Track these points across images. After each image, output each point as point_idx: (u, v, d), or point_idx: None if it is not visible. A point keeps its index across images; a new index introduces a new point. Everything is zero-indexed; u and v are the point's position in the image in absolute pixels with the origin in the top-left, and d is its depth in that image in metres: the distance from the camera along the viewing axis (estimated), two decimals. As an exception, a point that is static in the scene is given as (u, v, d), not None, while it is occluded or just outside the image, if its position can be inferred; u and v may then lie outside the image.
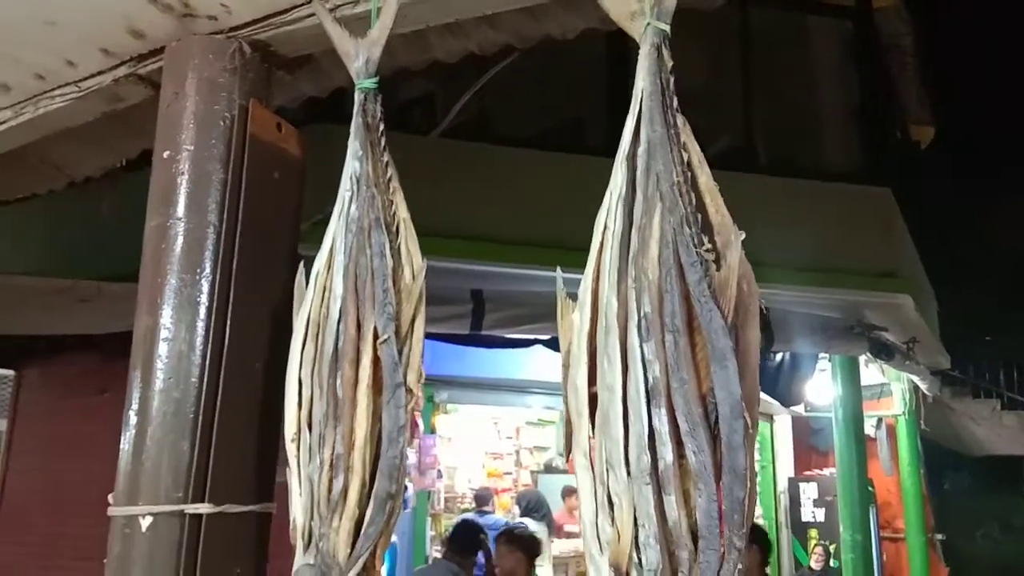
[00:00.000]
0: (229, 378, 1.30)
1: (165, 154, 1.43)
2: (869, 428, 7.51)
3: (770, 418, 9.74)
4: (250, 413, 1.28)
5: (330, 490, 1.11)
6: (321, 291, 1.20)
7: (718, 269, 0.94)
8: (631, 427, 0.93)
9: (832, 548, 7.69)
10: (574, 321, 1.01)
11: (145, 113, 1.60)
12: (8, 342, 6.90)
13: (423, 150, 3.85)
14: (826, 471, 9.20)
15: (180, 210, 1.39)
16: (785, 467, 10.02)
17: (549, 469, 11.09)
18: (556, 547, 8.77)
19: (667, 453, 0.91)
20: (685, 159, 1.00)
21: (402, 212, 1.24)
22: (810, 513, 9.26)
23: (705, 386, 0.92)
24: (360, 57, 1.30)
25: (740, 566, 0.86)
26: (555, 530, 8.70)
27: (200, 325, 1.33)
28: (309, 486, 1.11)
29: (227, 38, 1.47)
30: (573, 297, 1.02)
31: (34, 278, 4.10)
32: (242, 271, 1.35)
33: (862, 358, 6.15)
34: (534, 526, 7.74)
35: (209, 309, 1.34)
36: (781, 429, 10.04)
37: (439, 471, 7.24)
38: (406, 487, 6.11)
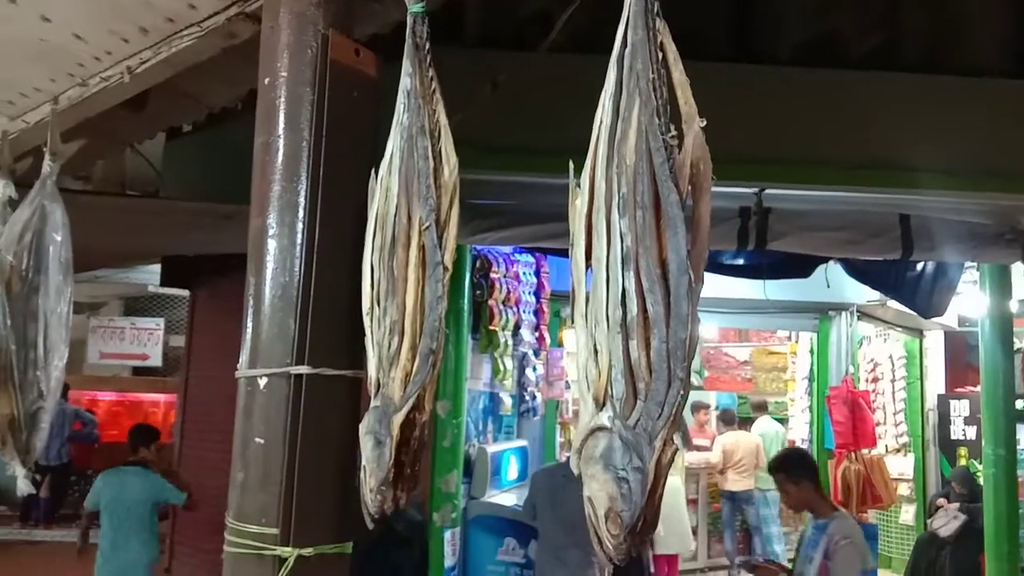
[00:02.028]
0: (321, 266, 1.59)
1: (266, 80, 1.70)
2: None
3: (919, 333, 9.33)
4: (338, 294, 1.56)
5: (389, 349, 1.37)
6: (384, 190, 1.45)
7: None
8: (610, 288, 1.12)
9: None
10: (577, 206, 1.20)
11: (255, 46, 1.86)
12: (183, 264, 7.77)
13: (533, 66, 3.99)
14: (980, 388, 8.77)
15: (280, 128, 1.67)
16: (936, 384, 9.61)
17: (684, 385, 11.17)
18: (688, 458, 8.97)
19: (633, 307, 1.10)
20: (660, 58, 1.14)
21: (442, 119, 1.45)
22: (960, 431, 8.90)
23: (665, 252, 1.09)
24: (412, -16, 1.49)
25: (681, 392, 1.05)
26: (689, 442, 8.88)
27: (298, 224, 1.62)
28: (378, 349, 1.38)
29: (312, -25, 1.69)
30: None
31: (194, 203, 4.65)
32: (328, 177, 1.61)
33: (1015, 268, 5.81)
34: (666, 438, 7.96)
35: (305, 210, 1.62)
36: (932, 344, 9.58)
37: (567, 382, 7.55)
38: (535, 396, 6.46)
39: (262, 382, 1.59)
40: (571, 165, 1.25)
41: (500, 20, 4.25)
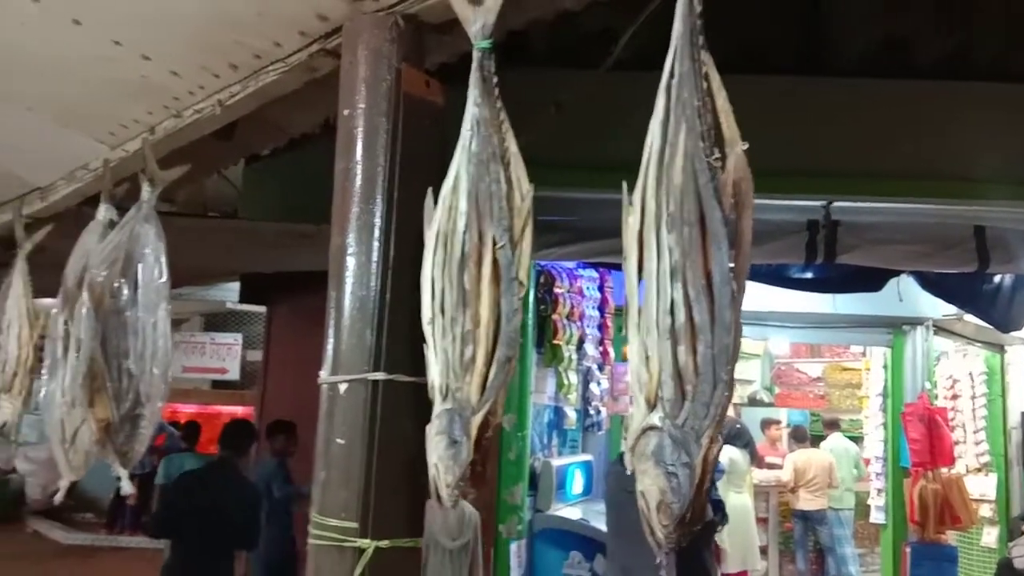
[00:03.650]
0: (395, 281, 1.73)
1: (346, 112, 1.86)
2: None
3: (1000, 348, 9.00)
4: (410, 307, 1.70)
5: (462, 356, 1.50)
6: (447, 209, 1.58)
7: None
8: (660, 299, 1.22)
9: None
10: (630, 223, 1.30)
11: (337, 79, 2.02)
12: (260, 281, 8.12)
13: (596, 83, 4.09)
14: (1070, 406, 8.41)
15: (358, 155, 1.82)
16: (1019, 400, 9.23)
17: (753, 402, 11.04)
18: (757, 475, 8.84)
19: (681, 316, 1.20)
20: (705, 87, 1.24)
21: (512, 147, 1.58)
22: (1045, 450, 8.54)
23: (710, 265, 1.19)
24: (478, 22, 1.62)
25: (726, 393, 1.14)
26: (757, 459, 8.76)
27: (374, 242, 1.77)
28: (444, 355, 1.51)
29: (386, 14, 1.85)
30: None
31: (275, 223, 4.91)
32: (401, 199, 1.76)
33: (1099, 279, 5.61)
34: (736, 455, 7.90)
35: (380, 230, 1.77)
36: (1015, 359, 9.22)
37: (631, 397, 7.56)
38: (600, 410, 6.51)
39: (343, 388, 1.73)
40: (624, 185, 1.36)
41: (563, 38, 4.36)
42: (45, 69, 2.56)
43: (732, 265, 1.19)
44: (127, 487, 2.52)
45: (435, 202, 1.65)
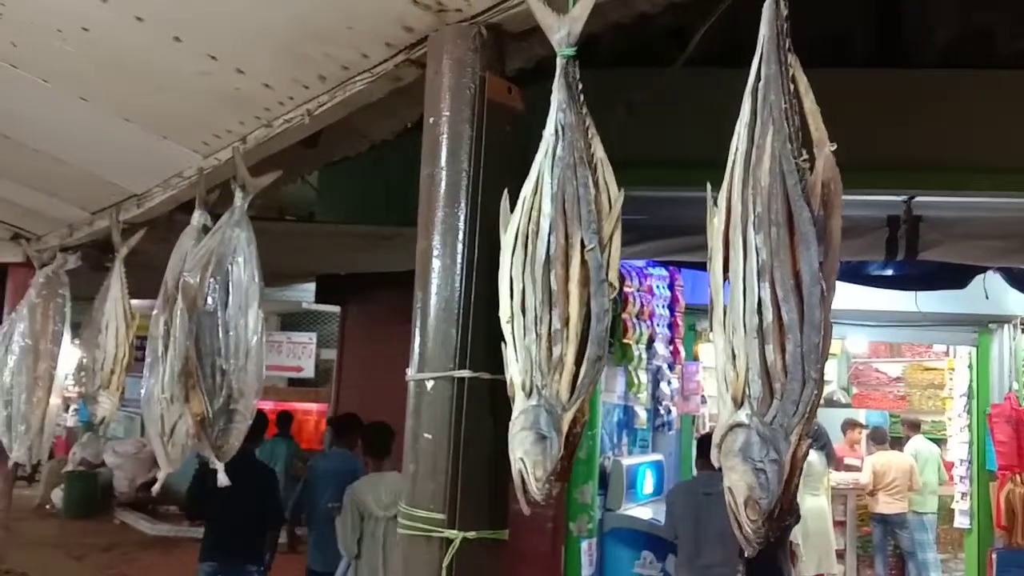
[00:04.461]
0: (479, 282, 1.79)
1: (431, 120, 1.93)
2: None
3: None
4: (492, 307, 1.75)
5: (550, 355, 1.55)
6: (528, 210, 1.63)
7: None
8: (747, 298, 1.24)
9: None
10: (715, 223, 1.33)
11: (419, 88, 2.10)
12: (335, 282, 8.35)
13: (667, 81, 4.08)
14: None
15: (443, 161, 1.89)
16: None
17: (829, 403, 10.79)
18: (835, 478, 8.66)
19: (769, 315, 1.22)
20: (792, 89, 1.26)
21: (599, 153, 1.63)
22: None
23: (799, 265, 1.21)
24: (562, 30, 1.67)
25: (815, 391, 1.16)
26: (835, 461, 8.57)
27: (458, 244, 1.83)
28: (527, 354, 1.57)
29: (470, 24, 1.91)
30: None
31: (348, 225, 5.07)
32: (485, 203, 1.82)
33: None
34: (812, 456, 7.75)
35: (464, 232, 1.83)
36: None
37: (703, 397, 7.50)
38: (670, 410, 6.47)
39: (429, 384, 1.80)
40: (708, 186, 1.39)
41: (633, 37, 4.36)
42: (145, 82, 2.72)
43: (820, 264, 1.21)
44: (223, 479, 2.66)
45: (511, 205, 1.70)
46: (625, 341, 5.99)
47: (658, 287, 6.53)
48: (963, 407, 7.58)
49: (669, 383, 6.84)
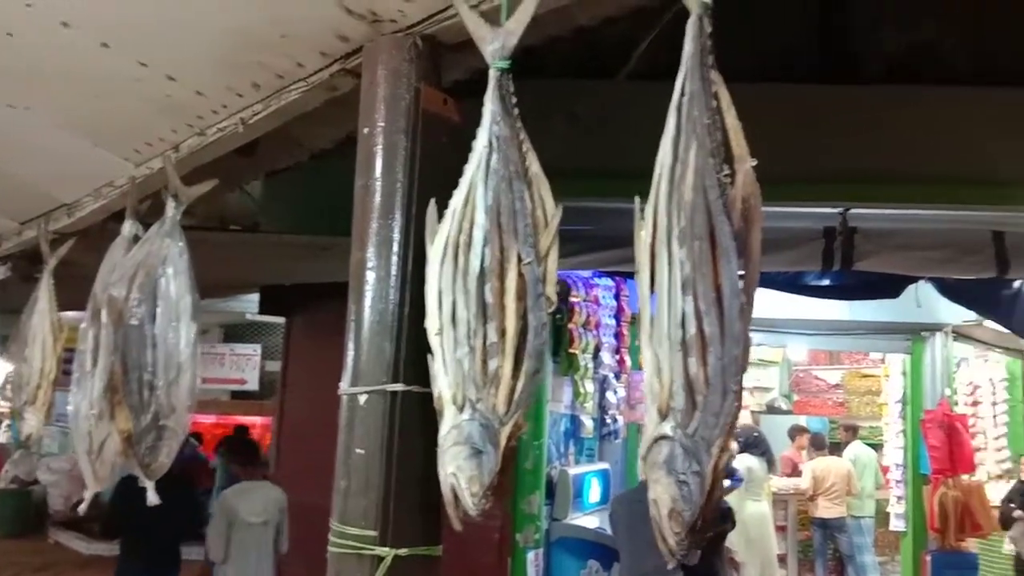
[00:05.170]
0: (414, 294, 1.77)
1: (365, 130, 1.91)
2: None
3: (1021, 354, 8.93)
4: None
5: (485, 369, 1.54)
6: (459, 222, 1.62)
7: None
8: (671, 311, 1.26)
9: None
10: (642, 236, 1.35)
11: (357, 97, 2.07)
12: (279, 293, 8.20)
13: (611, 93, 4.12)
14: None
15: (377, 172, 1.87)
16: (1042, 405, 9.14)
17: (771, 409, 11.00)
18: (776, 483, 8.80)
19: (692, 328, 1.24)
20: (715, 105, 1.28)
21: (534, 168, 1.63)
22: (1072, 455, 8.45)
23: (720, 278, 1.23)
24: (495, 42, 1.67)
25: (735, 403, 1.18)
26: (776, 467, 8.71)
27: (393, 256, 1.82)
28: (458, 367, 1.56)
29: (405, 35, 1.90)
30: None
31: (291, 235, 4.99)
32: (419, 214, 1.80)
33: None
34: (753, 463, 7.88)
35: (399, 244, 1.82)
36: (1039, 364, 9.14)
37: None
38: (616, 419, 6.52)
39: (362, 399, 1.78)
40: (636, 200, 1.40)
41: (580, 49, 4.40)
42: (73, 89, 2.64)
43: (741, 277, 1.23)
44: (153, 498, 2.58)
45: (439, 215, 1.69)
46: (571, 351, 6.02)
47: (604, 297, 6.57)
48: (898, 413, 7.81)
49: (615, 392, 6.89)
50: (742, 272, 1.26)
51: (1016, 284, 5.50)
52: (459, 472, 1.55)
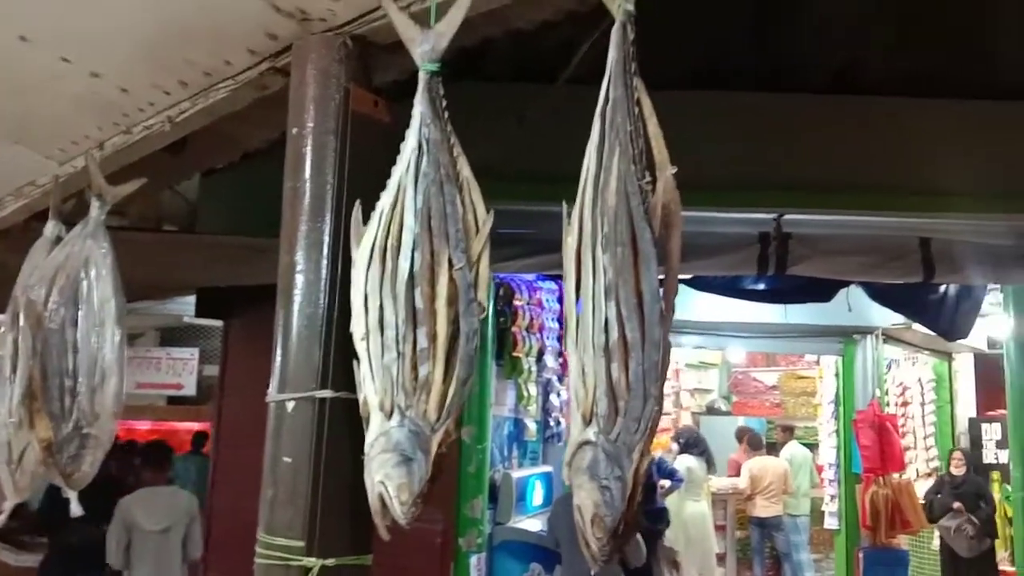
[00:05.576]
0: (342, 299, 1.74)
1: (294, 130, 1.88)
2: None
3: (948, 356, 9.25)
4: (358, 324, 1.70)
5: (415, 375, 1.52)
6: (387, 225, 1.60)
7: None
8: (595, 316, 1.26)
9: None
10: (568, 242, 1.35)
11: (286, 95, 2.03)
12: (216, 295, 8.00)
13: (554, 97, 4.12)
14: (1007, 412, 8.67)
15: (306, 174, 1.84)
16: (967, 407, 9.48)
17: (711, 411, 11.18)
18: (715, 483, 8.93)
19: (614, 333, 1.24)
20: (637, 112, 1.29)
21: (465, 172, 1.62)
22: (992, 455, 8.78)
23: (640, 283, 1.24)
24: (425, 44, 1.65)
25: (656, 408, 1.19)
26: (715, 468, 8.83)
27: (323, 260, 1.79)
28: (386, 373, 1.53)
29: (335, 35, 1.87)
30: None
31: (227, 236, 4.87)
32: (349, 218, 1.77)
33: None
34: (693, 463, 7.99)
35: (329, 247, 1.79)
36: (962, 367, 9.48)
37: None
38: (560, 421, 6.53)
39: (290, 406, 1.74)
40: (564, 206, 1.40)
41: (524, 52, 4.41)
42: (-9, 85, 2.53)
43: (661, 283, 1.24)
44: (76, 509, 2.48)
45: (364, 218, 1.67)
46: (515, 354, 6.02)
47: (547, 300, 6.59)
48: (831, 413, 8.01)
49: (559, 395, 6.91)
50: (662, 277, 1.27)
51: (942, 289, 5.69)
52: (387, 480, 1.52)
